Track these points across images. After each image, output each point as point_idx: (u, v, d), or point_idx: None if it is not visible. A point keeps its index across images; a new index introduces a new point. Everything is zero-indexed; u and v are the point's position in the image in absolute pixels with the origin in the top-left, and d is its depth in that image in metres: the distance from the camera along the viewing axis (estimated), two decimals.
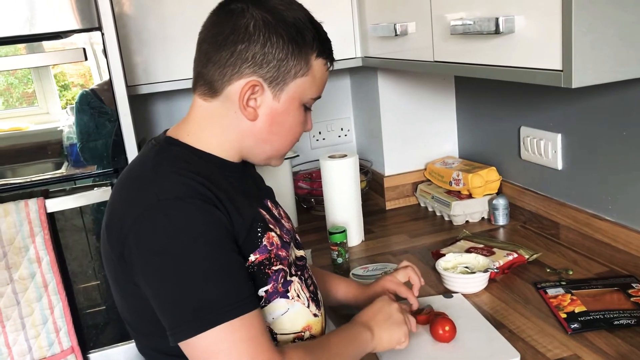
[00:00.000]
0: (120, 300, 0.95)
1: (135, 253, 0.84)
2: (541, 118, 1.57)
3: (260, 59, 0.90)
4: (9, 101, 1.45)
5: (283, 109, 0.94)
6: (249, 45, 0.89)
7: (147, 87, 1.62)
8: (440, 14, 1.28)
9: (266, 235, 0.94)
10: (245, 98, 0.91)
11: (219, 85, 0.92)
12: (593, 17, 0.91)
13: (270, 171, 1.83)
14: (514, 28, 1.03)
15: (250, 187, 1.02)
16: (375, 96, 1.94)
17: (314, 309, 1.02)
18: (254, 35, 0.89)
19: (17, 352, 1.41)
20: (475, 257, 1.40)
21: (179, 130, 0.97)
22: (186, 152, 0.94)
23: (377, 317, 1.04)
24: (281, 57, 0.90)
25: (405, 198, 2.00)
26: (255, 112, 0.93)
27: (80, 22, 1.36)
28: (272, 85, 0.92)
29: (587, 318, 1.16)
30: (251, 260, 0.91)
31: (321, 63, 0.96)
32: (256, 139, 0.96)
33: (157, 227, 0.82)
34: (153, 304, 0.85)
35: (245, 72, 0.90)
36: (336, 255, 1.53)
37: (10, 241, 1.37)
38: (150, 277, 0.84)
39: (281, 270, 0.95)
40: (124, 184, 0.92)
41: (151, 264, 0.83)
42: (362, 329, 1.02)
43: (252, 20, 0.89)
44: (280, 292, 0.95)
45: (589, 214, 1.45)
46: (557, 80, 0.95)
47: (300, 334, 0.99)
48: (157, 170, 0.89)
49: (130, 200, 0.87)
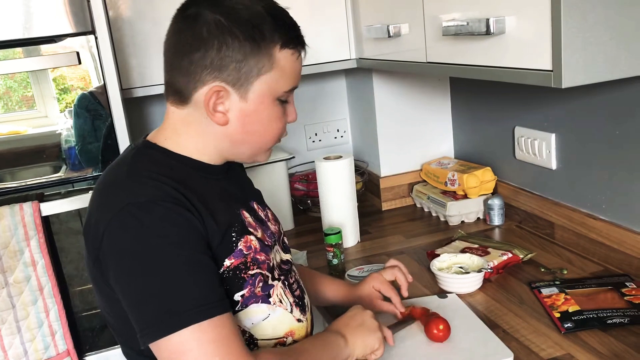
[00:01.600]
0: (102, 303, 0.95)
1: (107, 255, 0.84)
2: (535, 118, 1.57)
3: (219, 64, 0.88)
4: (9, 104, 1.46)
5: (253, 109, 0.92)
6: (205, 52, 0.87)
7: (142, 90, 1.62)
8: (432, 15, 1.28)
9: (243, 240, 0.94)
10: (212, 104, 0.90)
11: (187, 93, 0.92)
12: (582, 17, 0.91)
13: (266, 172, 1.83)
14: (504, 29, 1.04)
15: (233, 189, 1.01)
16: (370, 97, 1.95)
17: (297, 314, 1.01)
18: (209, 41, 0.87)
19: (13, 355, 1.41)
20: (470, 257, 1.40)
21: (157, 135, 0.97)
22: (162, 156, 0.93)
23: (350, 324, 1.03)
24: (239, 58, 0.88)
25: (401, 199, 2.01)
26: (225, 116, 0.92)
27: (74, 25, 1.37)
28: (236, 87, 0.90)
29: (580, 317, 1.16)
30: (226, 265, 0.91)
31: (288, 54, 0.92)
32: (232, 141, 0.95)
33: (126, 230, 0.82)
34: (124, 306, 0.85)
35: (207, 79, 0.89)
36: (332, 256, 1.53)
37: (5, 245, 1.37)
38: (120, 279, 0.84)
39: (259, 275, 0.94)
40: (100, 188, 0.92)
41: (120, 265, 0.83)
42: (335, 336, 1.00)
43: (205, 26, 0.87)
44: (260, 296, 0.94)
45: (583, 214, 1.45)
46: (548, 81, 0.96)
47: (282, 339, 0.98)
48: (130, 173, 0.89)
49: (104, 205, 0.87)
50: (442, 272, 1.35)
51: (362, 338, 1.02)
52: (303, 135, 2.16)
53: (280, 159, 1.87)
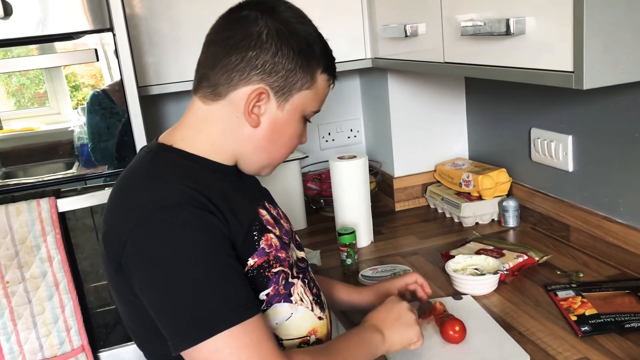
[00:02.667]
0: (122, 309, 0.95)
1: (132, 262, 0.83)
2: (552, 119, 1.56)
3: (270, 68, 0.90)
4: (21, 101, 1.47)
5: (285, 119, 0.95)
6: (260, 52, 0.89)
7: (158, 88, 1.63)
8: (450, 15, 1.28)
9: (264, 238, 0.94)
10: (251, 105, 0.91)
11: (223, 90, 0.92)
12: (605, 18, 0.90)
13: (279, 172, 1.83)
14: (524, 29, 1.03)
15: (248, 189, 1.02)
16: (385, 97, 1.94)
17: (318, 311, 1.01)
18: (265, 44, 0.89)
19: (29, 350, 1.42)
20: (485, 258, 1.39)
21: (171, 136, 0.96)
22: (180, 158, 0.93)
23: (387, 318, 1.03)
24: (290, 67, 0.91)
25: (414, 199, 2.00)
26: (258, 119, 0.93)
27: (92, 23, 1.37)
28: (277, 95, 0.93)
29: (597, 321, 1.15)
30: (250, 265, 0.91)
31: (325, 79, 0.97)
32: (255, 146, 0.95)
33: (154, 236, 0.82)
34: (152, 313, 0.84)
35: (253, 79, 0.91)
36: (345, 256, 1.53)
37: (22, 240, 1.38)
38: (148, 286, 0.83)
39: (281, 272, 0.95)
40: (119, 193, 0.92)
41: (148, 273, 0.82)
42: (372, 332, 1.00)
43: (266, 29, 0.90)
44: (282, 294, 0.94)
45: (600, 216, 1.44)
46: (569, 82, 0.95)
47: (305, 338, 0.98)
48: (151, 178, 0.89)
49: (126, 210, 0.86)
50: (458, 274, 1.35)
51: (400, 333, 1.02)
52: (316, 134, 2.16)
53: (293, 158, 1.87)
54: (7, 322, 1.39)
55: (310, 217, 1.96)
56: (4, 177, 1.44)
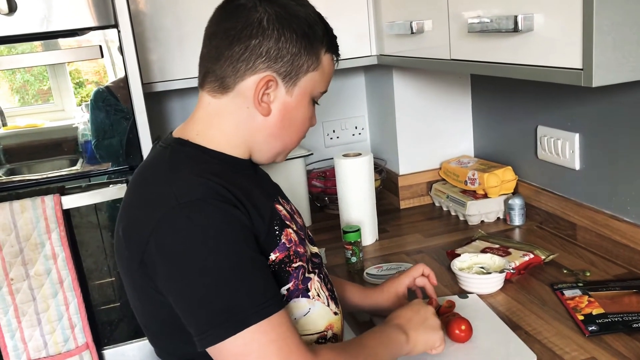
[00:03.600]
0: (139, 306, 0.94)
1: (157, 258, 0.82)
2: (559, 117, 1.55)
3: (275, 54, 0.89)
4: (25, 98, 1.46)
5: (295, 104, 0.94)
6: (262, 40, 0.88)
7: (162, 85, 1.62)
8: (457, 11, 1.27)
9: (284, 232, 0.93)
10: (260, 93, 0.91)
11: (231, 82, 0.91)
12: (615, 15, 0.89)
13: (284, 169, 1.83)
14: (533, 26, 1.02)
15: (265, 184, 1.02)
16: (390, 94, 1.93)
17: (333, 307, 1.01)
18: (267, 30, 0.88)
19: (33, 347, 1.42)
20: (491, 257, 1.39)
21: (186, 131, 0.95)
22: (199, 153, 0.92)
23: (413, 320, 1.02)
24: (294, 51, 0.90)
25: (419, 197, 1.99)
26: (268, 107, 0.92)
27: (97, 19, 1.37)
28: (285, 80, 0.92)
29: (605, 320, 1.14)
30: (272, 259, 0.90)
31: (329, 58, 0.97)
32: (267, 134, 0.95)
33: (179, 230, 0.81)
34: (177, 309, 0.83)
35: (259, 68, 0.90)
36: (350, 254, 1.52)
37: (26, 237, 1.38)
38: (173, 281, 0.82)
39: (301, 267, 0.95)
40: (138, 188, 0.91)
41: (173, 268, 0.82)
42: (397, 332, 0.99)
43: (266, 15, 0.88)
44: (301, 289, 0.94)
45: (607, 215, 1.43)
46: (577, 79, 0.94)
47: (323, 333, 0.98)
48: (174, 172, 0.88)
49: (149, 205, 0.85)
50: (463, 272, 1.34)
51: (425, 336, 1.01)
52: (321, 132, 2.15)
53: (298, 155, 1.86)
54: (11, 319, 1.39)
55: (314, 214, 1.96)
56: (8, 173, 1.43)
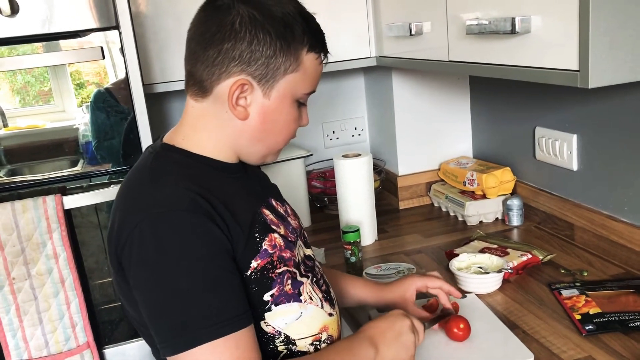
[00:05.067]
0: (129, 308, 0.94)
1: (128, 264, 0.84)
2: (557, 118, 1.56)
3: (248, 57, 0.87)
4: (26, 99, 1.47)
5: (274, 107, 0.92)
6: (235, 43, 0.86)
7: (163, 86, 1.63)
8: (455, 13, 1.28)
9: (267, 238, 0.92)
10: (235, 97, 0.89)
11: (208, 85, 0.90)
12: (611, 17, 0.90)
13: (284, 170, 1.84)
14: (530, 28, 1.03)
15: (253, 187, 1.01)
16: (389, 96, 1.94)
17: (328, 308, 1.00)
18: (240, 33, 0.86)
19: (34, 346, 1.43)
20: (489, 257, 1.40)
21: (174, 135, 0.95)
22: (182, 157, 0.92)
23: (386, 333, 0.97)
24: (269, 54, 0.88)
25: (418, 198, 2.00)
26: (245, 111, 0.90)
27: (98, 20, 1.38)
28: (261, 83, 0.89)
29: (602, 320, 1.15)
30: (253, 267, 0.89)
31: (312, 57, 0.92)
32: (249, 137, 0.94)
33: (147, 240, 0.81)
34: (143, 316, 0.84)
35: (233, 71, 0.88)
36: (349, 254, 1.53)
37: (28, 237, 1.39)
38: (138, 289, 0.83)
39: (286, 272, 0.93)
40: (123, 194, 0.91)
41: (139, 276, 0.82)
42: (366, 346, 0.95)
43: (238, 17, 0.86)
44: (290, 293, 0.93)
45: (604, 215, 1.44)
46: (574, 81, 0.95)
47: (318, 335, 0.97)
48: (152, 179, 0.88)
49: (127, 212, 0.86)
50: (462, 272, 1.35)
51: (396, 351, 0.96)
52: (320, 132, 2.17)
53: (297, 156, 1.87)
54: (13, 318, 1.40)
55: (314, 215, 1.97)
56: (9, 174, 1.44)
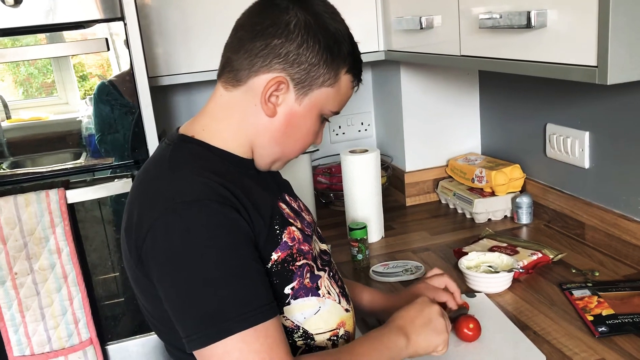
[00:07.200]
0: (144, 303, 0.93)
1: (151, 257, 0.82)
2: (568, 115, 1.53)
3: (293, 59, 0.89)
4: (29, 91, 1.45)
5: (302, 114, 0.93)
6: (285, 41, 0.88)
7: (168, 79, 1.61)
8: (467, 7, 1.25)
9: (286, 231, 0.93)
10: (268, 93, 0.90)
11: (244, 75, 0.91)
12: (632, 11, 0.87)
13: (290, 165, 1.80)
14: (546, 22, 1.00)
15: (268, 183, 1.01)
16: (397, 91, 1.92)
17: (344, 304, 1.00)
18: (292, 34, 0.88)
19: (37, 342, 1.41)
20: (499, 256, 1.37)
21: (193, 126, 0.95)
22: (201, 149, 0.92)
23: (415, 321, 0.97)
24: (314, 61, 0.90)
25: (426, 194, 1.98)
26: (274, 108, 0.92)
27: (103, 12, 1.36)
28: (297, 87, 0.91)
29: (615, 321, 1.13)
30: (274, 259, 0.89)
31: (348, 79, 0.95)
32: (269, 137, 0.94)
33: (172, 231, 0.80)
34: (167, 309, 0.83)
35: (274, 67, 0.89)
36: (356, 251, 1.51)
37: (31, 231, 1.37)
38: (164, 282, 0.82)
39: (305, 265, 0.93)
40: (141, 186, 0.90)
41: (165, 268, 0.81)
42: (396, 335, 0.95)
43: (295, 19, 0.88)
44: (309, 287, 0.93)
45: (616, 214, 1.41)
46: (592, 77, 0.92)
47: (335, 331, 0.96)
48: (173, 170, 0.88)
49: (147, 204, 0.85)
50: (471, 271, 1.33)
51: (427, 338, 0.96)
52: (327, 127, 2.14)
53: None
54: (15, 313, 1.39)
55: (319, 211, 1.95)
56: (12, 166, 1.42)
